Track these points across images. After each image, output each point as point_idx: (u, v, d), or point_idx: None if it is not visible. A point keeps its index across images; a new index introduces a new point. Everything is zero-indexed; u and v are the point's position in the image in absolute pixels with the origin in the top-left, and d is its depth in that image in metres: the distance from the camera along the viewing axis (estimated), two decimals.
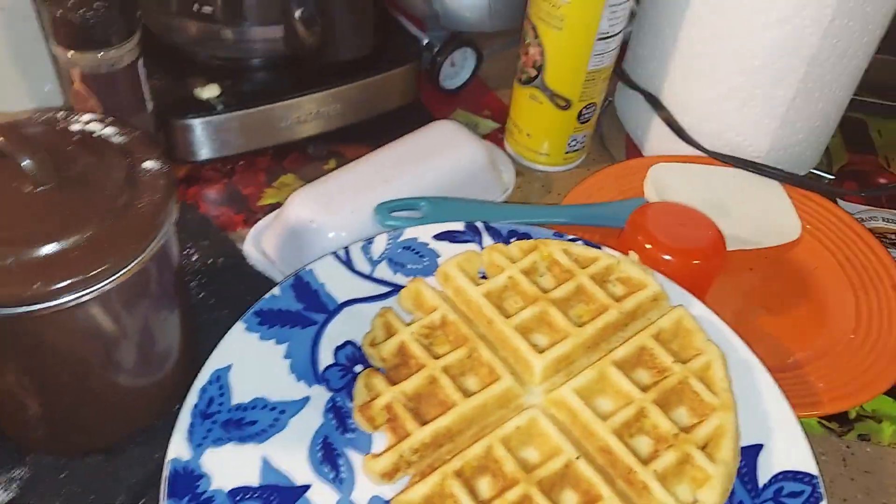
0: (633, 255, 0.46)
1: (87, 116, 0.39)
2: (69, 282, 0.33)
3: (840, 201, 0.60)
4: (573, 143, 0.61)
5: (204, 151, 0.58)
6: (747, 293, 0.53)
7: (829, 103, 0.57)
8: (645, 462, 0.37)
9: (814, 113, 0.57)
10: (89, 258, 0.33)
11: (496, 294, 0.45)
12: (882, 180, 0.63)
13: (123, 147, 0.38)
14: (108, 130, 0.39)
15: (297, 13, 0.54)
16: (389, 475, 0.38)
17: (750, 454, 0.40)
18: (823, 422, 0.47)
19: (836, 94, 0.57)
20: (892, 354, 0.47)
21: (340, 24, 0.54)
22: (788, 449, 0.39)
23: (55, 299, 0.33)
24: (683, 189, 0.55)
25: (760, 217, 0.55)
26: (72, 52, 0.47)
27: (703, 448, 0.38)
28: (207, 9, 0.56)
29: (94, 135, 0.38)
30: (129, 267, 0.35)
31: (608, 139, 0.66)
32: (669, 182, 0.56)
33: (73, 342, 0.37)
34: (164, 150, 0.39)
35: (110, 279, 0.34)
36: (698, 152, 0.59)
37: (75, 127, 0.39)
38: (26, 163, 0.34)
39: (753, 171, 0.58)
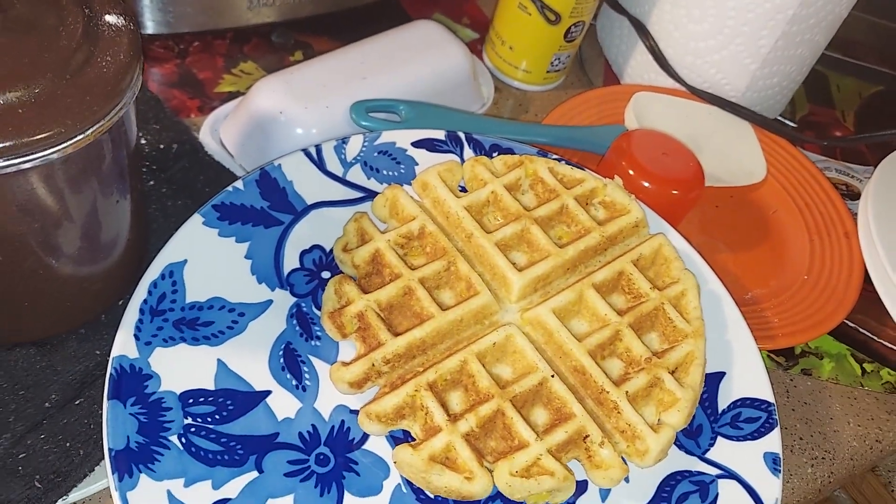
0: (618, 180, 0.45)
1: None
2: (9, 143, 0.28)
3: (807, 153, 0.61)
4: (556, 62, 0.58)
5: (153, 23, 0.52)
6: (711, 229, 0.53)
7: (807, 49, 0.57)
8: (616, 384, 0.37)
9: (792, 57, 0.56)
10: (36, 118, 0.29)
11: (477, 208, 0.43)
12: (838, 133, 0.64)
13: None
14: None
15: None
16: (358, 384, 0.37)
17: (713, 381, 0.40)
18: (772, 355, 0.48)
19: (815, 40, 0.57)
20: (841, 297, 0.49)
21: None
22: (748, 377, 0.40)
23: None
24: (662, 120, 0.54)
25: (731, 157, 0.55)
26: None
27: (673, 373, 0.38)
28: None
29: None
30: (81, 135, 0.30)
31: (587, 63, 0.64)
32: (650, 112, 0.55)
33: (8, 216, 0.32)
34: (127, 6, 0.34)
35: (57, 147, 0.30)
36: (678, 85, 0.58)
37: None
38: None
39: (729, 111, 0.57)
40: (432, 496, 0.36)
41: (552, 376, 0.37)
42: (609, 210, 0.44)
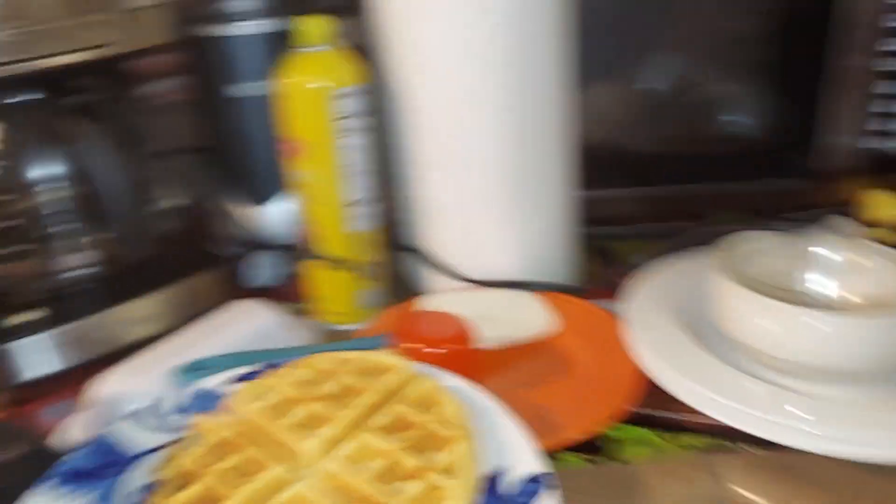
0: (384, 351, 0.53)
1: None
2: None
3: (600, 301, 0.70)
4: (361, 299, 0.70)
5: (25, 373, 0.63)
6: (518, 377, 0.60)
7: (548, 218, 0.70)
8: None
9: (544, 232, 0.70)
10: None
11: (270, 410, 0.50)
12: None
13: None
14: None
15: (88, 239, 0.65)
16: None
17: (497, 477, 0.44)
18: (583, 455, 0.53)
19: (555, 216, 0.70)
20: (618, 388, 0.56)
21: (124, 235, 0.65)
22: (525, 463, 0.44)
23: None
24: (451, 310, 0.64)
25: (520, 318, 0.65)
26: None
27: (447, 472, 0.43)
28: (17, 249, 0.65)
29: None
30: None
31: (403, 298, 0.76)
32: (442, 307, 0.65)
33: None
34: None
35: None
36: (465, 283, 0.69)
37: None
38: None
39: (509, 288, 0.68)
40: None
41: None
42: (382, 372, 0.52)
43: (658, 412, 0.55)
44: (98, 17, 0.63)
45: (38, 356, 0.64)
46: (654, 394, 0.55)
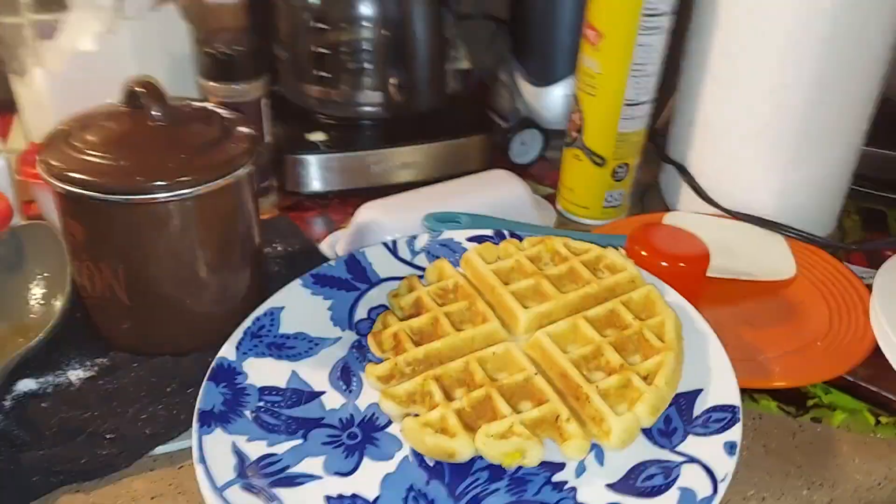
0: (620, 250, 0.54)
1: (208, 103, 0.56)
2: (160, 183, 0.47)
3: (850, 265, 0.65)
4: (609, 198, 0.71)
5: (308, 184, 0.74)
6: (738, 313, 0.59)
7: (825, 171, 0.65)
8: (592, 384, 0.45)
9: (812, 178, 0.65)
10: (178, 171, 0.48)
11: (503, 272, 0.55)
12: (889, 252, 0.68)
13: (227, 118, 0.54)
14: (220, 111, 0.55)
15: (392, 81, 0.71)
16: (385, 379, 0.48)
17: (691, 396, 0.46)
18: (782, 406, 0.51)
19: (831, 165, 0.65)
20: (847, 355, 0.53)
21: (420, 84, 0.70)
22: (721, 392, 0.45)
23: (149, 193, 0.47)
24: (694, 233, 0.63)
25: (760, 258, 0.63)
26: (210, 82, 0.65)
27: (645, 378, 0.45)
28: (326, 75, 0.74)
29: (209, 109, 0.55)
30: (205, 185, 0.48)
31: (648, 201, 0.76)
32: (682, 227, 0.64)
33: (159, 237, 0.49)
34: (256, 128, 0.54)
35: (190, 190, 0.48)
36: (717, 210, 0.68)
37: (197, 105, 0.55)
38: (153, 108, 0.50)
39: (759, 225, 0.65)
40: (430, 464, 0.44)
41: (535, 374, 0.46)
42: (611, 271, 0.54)
43: (880, 390, 0.52)
44: None
45: (320, 173, 0.74)
46: (882, 371, 0.52)
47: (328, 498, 0.42)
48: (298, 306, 0.55)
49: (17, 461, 0.45)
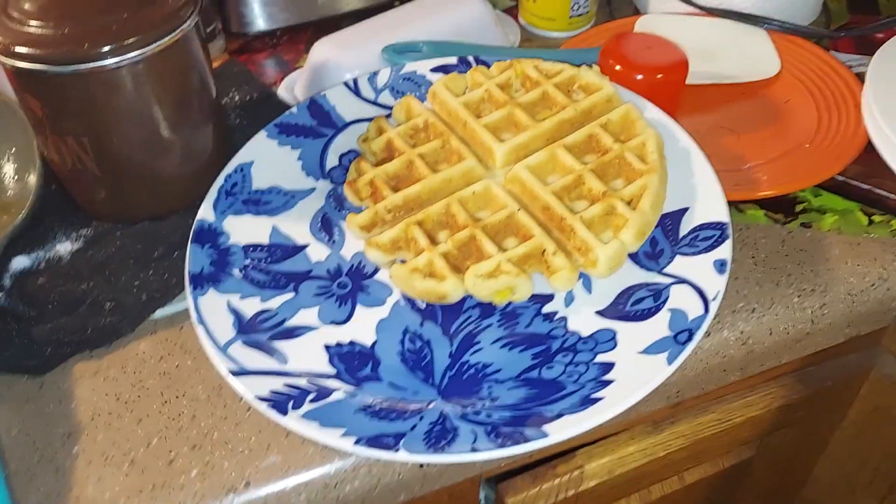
0: (595, 67, 0.52)
1: None
2: (109, 47, 0.43)
3: (837, 53, 0.63)
4: (575, 6, 0.66)
5: (253, 23, 0.68)
6: (720, 121, 0.57)
7: None
8: (576, 213, 0.44)
9: None
10: (124, 32, 0.44)
11: (473, 104, 0.52)
12: (880, 36, 0.65)
13: None
14: None
15: None
16: (367, 228, 0.47)
17: (677, 215, 0.45)
18: (769, 213, 0.51)
19: None
20: (837, 154, 0.51)
21: None
22: (708, 209, 0.45)
23: (99, 60, 0.43)
24: (669, 36, 0.60)
25: (742, 57, 0.60)
26: None
27: (629, 203, 0.44)
28: None
29: None
30: (154, 44, 0.45)
31: (615, 6, 0.71)
32: (656, 31, 0.61)
33: (117, 103, 0.46)
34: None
35: (140, 51, 0.44)
36: (692, 8, 0.64)
37: None
38: None
39: (739, 21, 0.62)
40: (422, 306, 0.44)
41: (518, 210, 0.45)
42: (586, 92, 0.51)
43: (873, 187, 0.51)
44: None
45: (264, 9, 0.68)
46: (874, 166, 0.51)
47: (327, 347, 0.43)
48: (267, 159, 0.52)
49: (29, 335, 0.46)
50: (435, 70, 0.57)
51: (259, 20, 0.68)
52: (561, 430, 0.36)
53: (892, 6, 0.69)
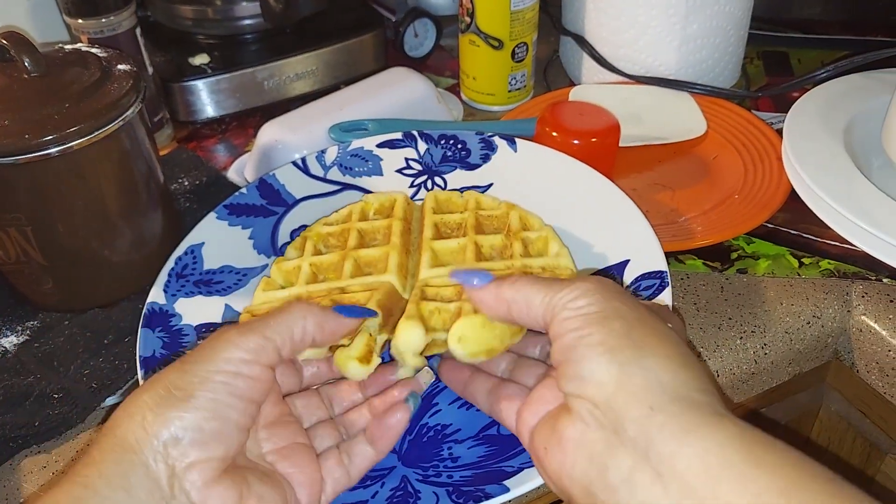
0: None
1: (80, 45, 0.51)
2: (49, 137, 0.44)
3: (758, 112, 0.67)
4: (513, 81, 0.70)
5: (202, 111, 0.70)
6: (655, 178, 0.60)
7: (722, 20, 0.65)
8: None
9: (710, 30, 0.65)
10: (65, 122, 0.45)
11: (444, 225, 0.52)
12: (795, 94, 0.69)
13: (103, 57, 0.50)
14: (95, 50, 0.50)
15: None
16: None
17: (620, 267, 0.47)
18: (707, 262, 0.53)
19: (727, 12, 0.65)
20: (765, 203, 0.54)
21: None
22: (647, 259, 0.46)
23: (39, 150, 0.44)
24: (602, 105, 0.63)
25: (670, 120, 0.63)
26: (79, 19, 0.60)
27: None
28: None
29: (83, 50, 0.50)
30: (96, 133, 0.46)
31: (552, 80, 0.75)
32: (588, 100, 0.64)
33: (61, 192, 0.47)
34: (136, 62, 0.50)
35: (81, 140, 0.45)
36: (621, 77, 0.68)
37: (69, 48, 0.51)
38: (25, 59, 0.45)
39: (666, 87, 0.66)
40: None
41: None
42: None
43: (800, 233, 0.54)
44: None
45: (211, 97, 0.70)
46: (799, 213, 0.54)
47: None
48: (218, 240, 0.53)
49: None
50: (381, 146, 0.59)
51: (207, 108, 0.70)
52: (522, 484, 0.36)
53: (803, 67, 0.74)
